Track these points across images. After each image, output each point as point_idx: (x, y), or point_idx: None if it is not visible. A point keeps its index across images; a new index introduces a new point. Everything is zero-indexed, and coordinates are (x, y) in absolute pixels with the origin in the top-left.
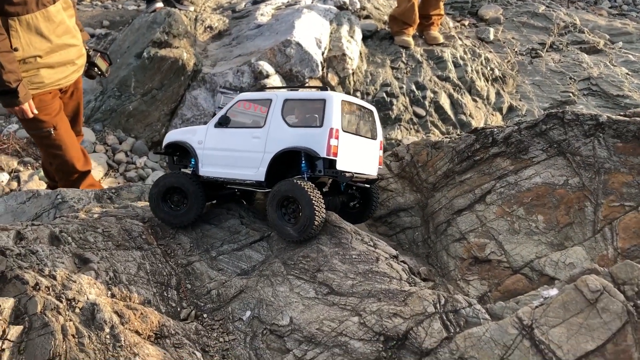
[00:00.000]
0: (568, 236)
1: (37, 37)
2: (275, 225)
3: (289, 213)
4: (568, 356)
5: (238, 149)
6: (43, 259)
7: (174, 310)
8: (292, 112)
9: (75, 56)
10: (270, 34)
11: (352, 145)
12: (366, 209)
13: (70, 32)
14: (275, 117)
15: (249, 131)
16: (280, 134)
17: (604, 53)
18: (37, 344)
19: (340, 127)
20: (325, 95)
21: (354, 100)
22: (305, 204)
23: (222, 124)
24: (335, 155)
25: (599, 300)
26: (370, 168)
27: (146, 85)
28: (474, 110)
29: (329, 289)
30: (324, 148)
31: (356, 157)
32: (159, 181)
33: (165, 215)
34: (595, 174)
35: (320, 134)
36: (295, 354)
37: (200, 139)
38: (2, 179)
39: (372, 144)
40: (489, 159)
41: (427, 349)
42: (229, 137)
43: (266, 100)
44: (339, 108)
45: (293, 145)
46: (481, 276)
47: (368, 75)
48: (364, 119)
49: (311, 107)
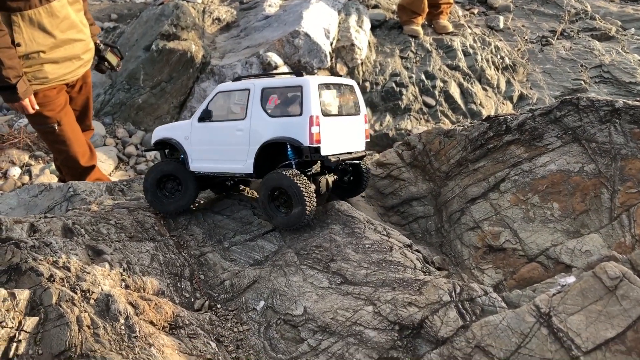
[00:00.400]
0: (584, 224)
1: (40, 33)
2: (268, 215)
3: (280, 203)
4: (587, 344)
5: (223, 143)
6: (57, 251)
7: (187, 301)
8: (270, 99)
9: (81, 51)
10: (279, 25)
11: (335, 127)
12: (358, 182)
13: (76, 26)
14: (255, 108)
15: (232, 124)
16: (262, 125)
17: (616, 40)
18: (52, 334)
19: (320, 112)
20: (301, 82)
21: (331, 80)
22: (295, 195)
23: (204, 119)
24: (318, 142)
25: (618, 287)
26: (356, 145)
27: (155, 78)
28: (484, 99)
29: (343, 278)
30: (306, 137)
31: (341, 138)
32: (153, 169)
33: (159, 202)
34: (612, 161)
35: (301, 123)
36: (309, 343)
37: (187, 134)
38: (14, 173)
39: (356, 119)
40: (502, 146)
41: (443, 337)
42: (214, 132)
43: (244, 91)
44: (317, 93)
45: (276, 136)
46: (496, 265)
47: (377, 65)
48: (345, 96)
49: (289, 94)
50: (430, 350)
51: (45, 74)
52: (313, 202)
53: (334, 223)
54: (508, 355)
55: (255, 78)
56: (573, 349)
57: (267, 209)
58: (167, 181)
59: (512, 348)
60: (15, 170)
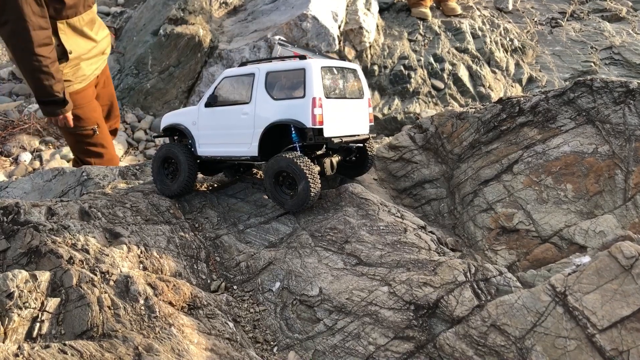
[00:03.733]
0: (598, 204)
1: (81, 39)
2: (273, 198)
3: (286, 186)
4: (603, 322)
5: (229, 126)
6: (75, 234)
7: (204, 283)
8: (276, 84)
9: (106, 45)
10: (286, 9)
11: (339, 109)
12: (363, 162)
13: (102, 24)
14: (260, 91)
15: (237, 108)
16: (266, 108)
17: (627, 21)
18: (74, 315)
19: (323, 94)
20: (304, 65)
21: (335, 64)
22: (300, 179)
23: (211, 104)
24: (321, 124)
25: (634, 266)
26: (360, 127)
27: (163, 62)
28: (493, 82)
29: (358, 259)
30: (309, 118)
31: (344, 120)
32: (158, 151)
33: (162, 184)
34: (626, 142)
35: (304, 105)
36: (325, 323)
37: (194, 119)
38: (24, 159)
39: (359, 103)
40: (515, 128)
41: (459, 316)
42: (220, 116)
43: (249, 75)
44: (319, 75)
45: (280, 118)
46: (509, 246)
47: (385, 49)
48: (348, 80)
49: (293, 77)
50: (445, 329)
51: (83, 71)
52: (317, 182)
53: (348, 205)
54: (524, 334)
55: (260, 62)
56: (589, 327)
57: (273, 193)
58: (170, 164)
59: (528, 327)
60: (26, 155)
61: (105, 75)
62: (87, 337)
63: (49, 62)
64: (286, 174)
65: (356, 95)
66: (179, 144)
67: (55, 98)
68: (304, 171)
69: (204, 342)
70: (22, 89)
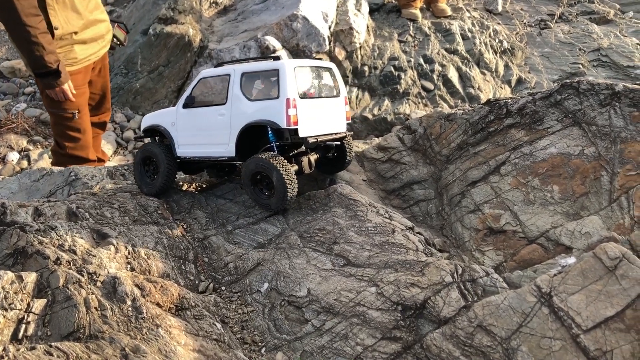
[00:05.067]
0: (584, 206)
1: (72, 14)
2: (252, 198)
3: (263, 186)
4: (587, 322)
5: (207, 127)
6: (62, 235)
7: (192, 284)
8: (251, 84)
9: (105, 31)
10: (277, 9)
11: (314, 109)
12: (342, 159)
13: (100, 7)
14: (236, 92)
15: (214, 109)
16: (242, 109)
17: (614, 23)
18: (61, 316)
19: (297, 95)
20: (278, 65)
21: (309, 63)
22: (277, 180)
23: (188, 105)
24: (295, 125)
25: (618, 267)
26: (336, 126)
27: (153, 62)
28: (482, 83)
29: (346, 260)
30: (283, 119)
31: (320, 120)
32: (139, 151)
33: (142, 182)
34: (612, 144)
35: (278, 106)
36: (313, 324)
37: (173, 120)
38: (12, 158)
39: (335, 101)
40: (503, 130)
41: (446, 317)
42: (197, 117)
43: (225, 76)
44: (293, 76)
45: (255, 119)
46: (496, 247)
47: (375, 49)
48: (323, 79)
49: (267, 78)
50: (432, 329)
51: (75, 54)
52: (294, 182)
53: (337, 206)
54: (509, 334)
55: (235, 63)
56: (573, 327)
57: (251, 193)
58: (150, 163)
59: (514, 327)
60: (14, 155)
61: (103, 63)
62: (74, 339)
63: (38, 33)
64: (263, 175)
65: (332, 94)
66: (159, 144)
67: (49, 69)
68: (280, 172)
69: (192, 343)
70: (9, 88)
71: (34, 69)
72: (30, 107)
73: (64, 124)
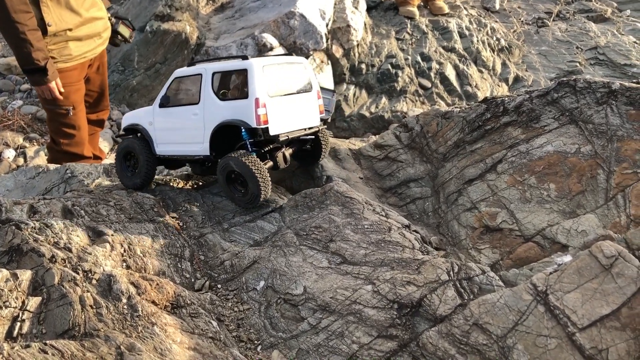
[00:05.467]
0: (580, 204)
1: (67, 11)
2: (227, 195)
3: (238, 184)
4: (583, 320)
5: (182, 126)
6: (57, 232)
7: (188, 282)
8: (222, 84)
9: (102, 28)
10: (274, 6)
11: (285, 106)
12: (318, 150)
13: (97, 4)
14: (208, 92)
15: (188, 108)
16: (214, 108)
17: (612, 21)
18: (56, 314)
19: (266, 94)
20: (246, 65)
21: (279, 60)
22: (250, 179)
23: (164, 104)
24: (265, 123)
25: (613, 265)
26: (310, 120)
27: (149, 59)
28: (479, 81)
29: (342, 258)
30: (253, 119)
31: (291, 116)
32: (119, 145)
33: (123, 176)
34: (608, 142)
35: (248, 105)
36: (309, 322)
37: (150, 120)
38: (8, 155)
39: (308, 96)
40: (500, 128)
41: (442, 315)
42: (173, 116)
43: (197, 76)
44: (261, 75)
45: (226, 119)
46: (492, 245)
47: (373, 47)
48: (295, 74)
49: (236, 77)
50: (428, 327)
51: (70, 51)
52: (266, 179)
53: (333, 204)
54: (505, 333)
55: (206, 63)
56: (569, 325)
57: (227, 191)
58: (131, 158)
59: (510, 325)
60: (10, 152)
61: (101, 61)
62: (69, 337)
63: (27, 29)
64: (237, 173)
65: (304, 89)
66: (139, 139)
67: (36, 66)
68: (252, 170)
69: (187, 341)
70: (5, 85)
71: (22, 65)
72: (26, 104)
73: (59, 121)
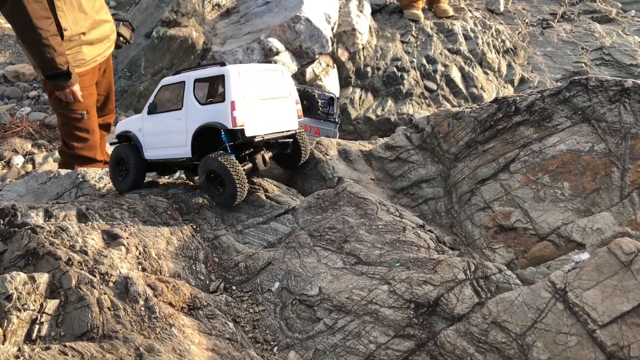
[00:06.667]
0: (595, 202)
1: (80, 14)
2: (207, 193)
3: (217, 184)
4: (603, 317)
5: (167, 131)
6: (73, 236)
7: (203, 284)
8: (202, 90)
9: (110, 31)
10: (279, 10)
11: (262, 109)
12: (297, 154)
13: (104, 7)
14: (189, 98)
15: (172, 114)
16: (195, 112)
17: (616, 22)
18: (74, 316)
19: (243, 97)
20: (223, 71)
21: (257, 68)
22: (227, 179)
23: (152, 111)
24: (241, 125)
25: (633, 262)
26: (286, 124)
27: (156, 65)
28: (485, 83)
29: (357, 259)
30: (229, 121)
31: (268, 119)
32: (112, 153)
33: (116, 181)
34: (622, 140)
35: (225, 108)
36: (326, 322)
37: (139, 126)
38: (17, 162)
39: (285, 101)
40: (512, 127)
41: (459, 314)
42: (159, 122)
43: (180, 83)
44: (237, 80)
45: (206, 121)
46: (507, 244)
47: (378, 50)
48: (273, 81)
49: (215, 83)
50: (446, 327)
51: (83, 55)
52: (243, 179)
53: (346, 205)
54: (524, 330)
55: (190, 71)
56: (589, 322)
57: (207, 189)
58: (124, 164)
59: (529, 323)
60: (19, 159)
61: (107, 64)
62: (88, 339)
63: (49, 35)
64: (216, 173)
65: (282, 95)
66: (129, 145)
67: (59, 71)
68: (230, 171)
69: (205, 342)
70: (14, 92)
71: (45, 70)
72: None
73: (72, 125)
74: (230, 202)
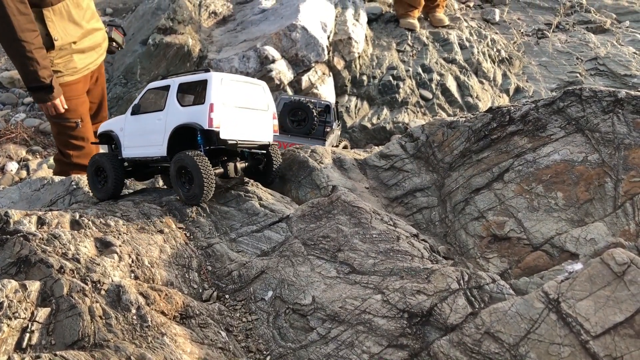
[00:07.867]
0: (588, 212)
1: (70, 24)
2: (175, 188)
3: (185, 180)
4: (596, 328)
5: (147, 131)
6: (65, 243)
7: (196, 292)
8: (185, 93)
9: (101, 39)
10: (275, 19)
11: (239, 117)
12: (268, 168)
13: (95, 16)
14: (172, 100)
15: (154, 115)
16: (175, 114)
17: (611, 32)
18: (65, 325)
19: (222, 102)
20: (206, 76)
21: (239, 79)
22: (196, 174)
23: (135, 112)
24: (217, 127)
25: (626, 272)
26: (261, 135)
27: (152, 72)
28: (480, 92)
29: (351, 268)
30: (206, 121)
31: (244, 127)
32: (89, 162)
33: (95, 189)
34: (615, 150)
35: (203, 110)
36: (319, 331)
37: (122, 126)
38: (11, 168)
39: (263, 114)
40: (506, 137)
41: (453, 324)
42: (141, 122)
43: (166, 87)
44: (219, 86)
45: (184, 122)
46: (501, 254)
47: (374, 59)
48: (253, 94)
49: (198, 87)
50: (439, 337)
51: (75, 64)
52: (211, 180)
53: (341, 214)
54: (517, 341)
55: (175, 76)
56: (582, 333)
57: (174, 184)
58: (102, 172)
59: (522, 334)
60: (13, 165)
61: (99, 71)
62: (79, 347)
63: (33, 48)
64: (187, 170)
65: (260, 108)
66: (107, 154)
67: (42, 84)
68: (200, 168)
69: (197, 351)
70: (9, 98)
71: (28, 82)
72: (29, 117)
73: (67, 134)
74: (195, 200)
